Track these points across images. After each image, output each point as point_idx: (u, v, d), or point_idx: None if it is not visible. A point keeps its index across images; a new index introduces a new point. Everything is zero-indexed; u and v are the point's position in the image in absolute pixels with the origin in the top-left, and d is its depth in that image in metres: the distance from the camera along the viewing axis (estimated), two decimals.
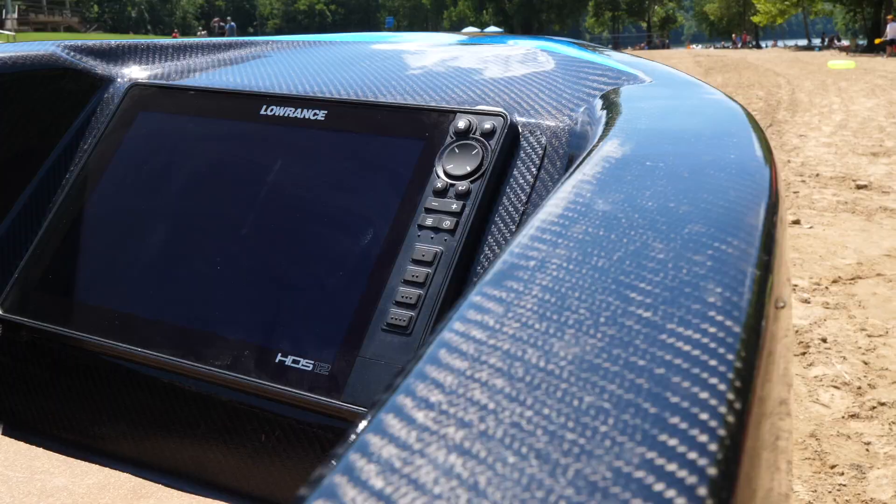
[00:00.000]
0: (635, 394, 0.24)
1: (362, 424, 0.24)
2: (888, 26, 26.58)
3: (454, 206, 0.76)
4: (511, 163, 0.79)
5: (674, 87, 0.85)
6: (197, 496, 0.78)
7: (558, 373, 0.26)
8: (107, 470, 0.82)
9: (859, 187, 4.79)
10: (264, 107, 0.91)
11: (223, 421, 0.78)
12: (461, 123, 0.80)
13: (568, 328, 0.28)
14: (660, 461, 0.22)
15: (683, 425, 0.23)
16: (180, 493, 0.78)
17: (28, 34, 39.27)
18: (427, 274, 0.73)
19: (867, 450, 1.87)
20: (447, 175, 0.78)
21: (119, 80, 1.05)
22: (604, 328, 0.28)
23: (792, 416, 0.27)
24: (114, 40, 1.11)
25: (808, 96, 10.56)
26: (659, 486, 0.21)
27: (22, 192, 0.99)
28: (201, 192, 0.87)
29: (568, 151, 0.79)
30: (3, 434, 0.89)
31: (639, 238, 0.34)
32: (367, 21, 74.51)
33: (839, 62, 18.65)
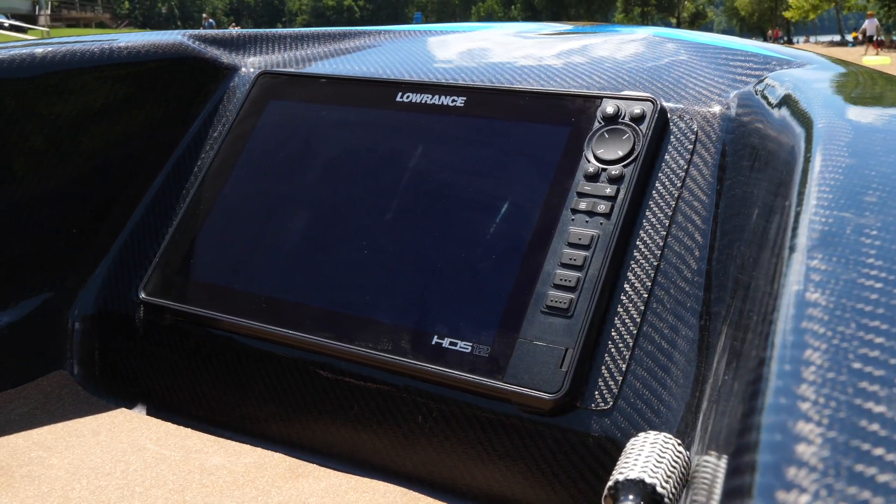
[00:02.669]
0: None
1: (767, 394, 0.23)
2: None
3: (608, 191, 0.76)
4: (662, 147, 0.80)
5: (832, 69, 0.85)
6: (352, 475, 0.79)
7: None
8: (259, 450, 0.83)
9: None
10: (400, 94, 0.92)
11: (377, 402, 0.79)
12: (609, 108, 0.80)
13: None
14: None
15: None
16: (336, 472, 0.80)
17: (61, 30, 39.68)
18: (585, 257, 0.73)
19: None
20: (598, 160, 0.78)
21: (243, 69, 1.07)
22: None
23: None
24: (235, 30, 1.13)
25: None
26: None
27: (154, 179, 1.01)
28: (341, 179, 0.89)
29: (721, 137, 0.79)
30: (146, 415, 0.91)
31: None
32: (395, 16, 74.56)
33: (873, 58, 18.46)
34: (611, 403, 0.70)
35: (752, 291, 0.48)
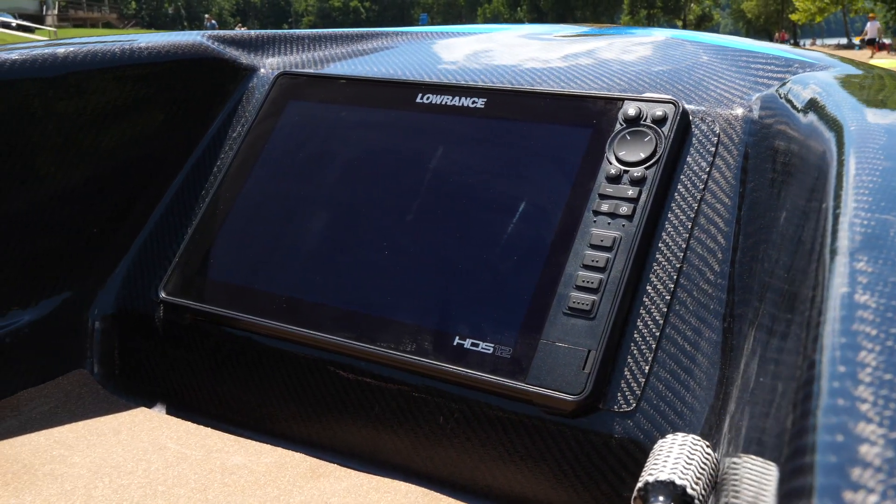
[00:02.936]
0: None
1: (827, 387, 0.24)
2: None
3: (630, 192, 0.76)
4: (684, 150, 0.80)
5: (854, 72, 0.85)
6: (373, 476, 0.79)
7: None
8: (280, 450, 0.84)
9: None
10: (420, 95, 0.92)
11: (398, 403, 0.79)
12: (631, 110, 0.80)
13: None
14: None
15: None
16: (357, 472, 0.80)
17: (68, 30, 39.78)
18: (607, 259, 0.73)
19: None
20: (620, 161, 0.78)
21: (262, 69, 1.07)
22: None
23: None
24: (253, 31, 1.13)
25: None
26: None
27: (174, 179, 1.02)
28: (361, 180, 0.89)
29: (744, 139, 0.79)
30: (166, 414, 0.91)
31: None
32: (400, 17, 74.61)
33: (880, 61, 18.51)
34: (633, 405, 0.70)
35: (787, 295, 0.48)
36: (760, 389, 0.46)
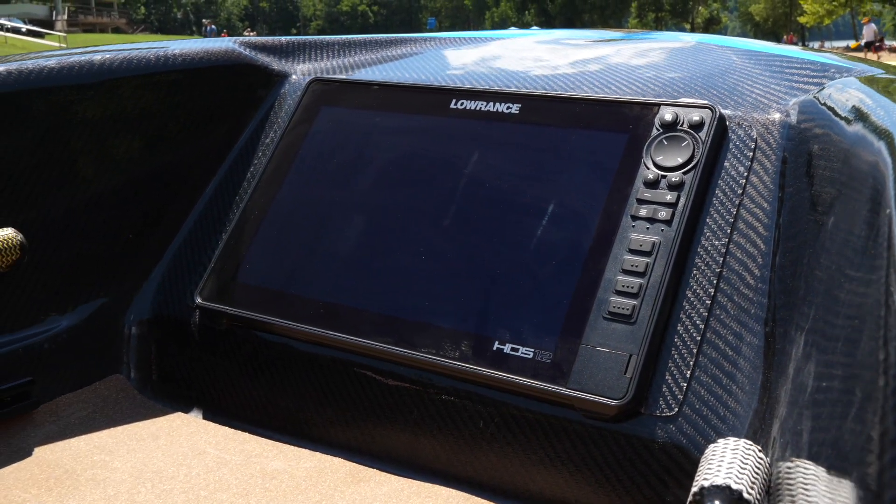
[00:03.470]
0: None
1: None
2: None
3: (668, 197, 0.76)
4: (721, 155, 0.80)
5: (892, 76, 0.85)
6: (414, 480, 0.79)
7: None
8: (319, 454, 0.84)
9: None
10: (454, 100, 0.92)
11: (437, 407, 0.79)
12: (668, 116, 0.80)
13: None
14: None
15: None
16: (397, 477, 0.80)
17: (77, 35, 39.94)
18: (647, 264, 0.74)
19: None
20: (657, 167, 0.78)
21: (294, 76, 1.08)
22: None
23: None
24: (284, 37, 1.14)
25: None
26: None
27: (208, 185, 1.02)
28: (395, 185, 0.89)
29: (782, 144, 0.79)
30: (203, 419, 0.92)
31: None
32: (408, 22, 74.68)
33: (889, 64, 18.52)
34: (675, 410, 0.70)
35: (848, 301, 0.47)
36: (823, 394, 0.45)
